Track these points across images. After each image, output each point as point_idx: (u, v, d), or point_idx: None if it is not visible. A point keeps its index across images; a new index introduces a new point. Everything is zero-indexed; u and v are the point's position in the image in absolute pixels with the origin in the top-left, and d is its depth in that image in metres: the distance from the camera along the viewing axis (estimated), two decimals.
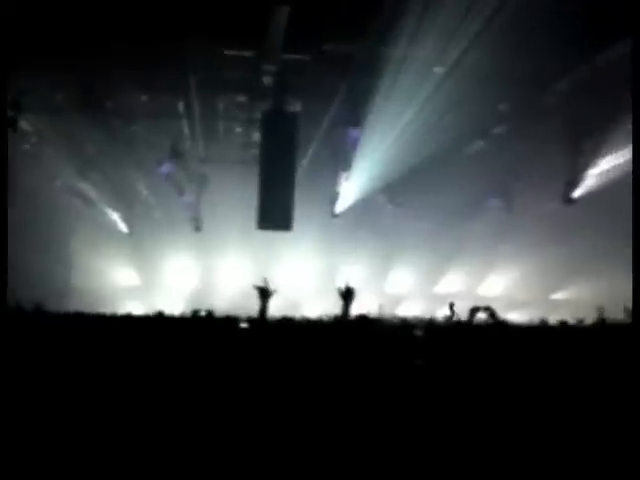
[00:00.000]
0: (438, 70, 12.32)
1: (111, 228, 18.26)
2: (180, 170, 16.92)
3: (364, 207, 17.29)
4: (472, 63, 11.70)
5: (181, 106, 14.49)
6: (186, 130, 15.71)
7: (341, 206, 16.82)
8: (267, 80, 12.90)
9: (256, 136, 15.18)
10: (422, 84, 12.40)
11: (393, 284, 19.99)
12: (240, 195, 15.86)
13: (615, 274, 16.76)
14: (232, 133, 16.27)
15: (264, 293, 5.34)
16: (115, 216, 18.30)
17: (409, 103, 12.82)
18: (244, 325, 5.70)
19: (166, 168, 16.46)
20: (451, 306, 5.38)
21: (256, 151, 14.97)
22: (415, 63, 11.96)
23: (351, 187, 16.03)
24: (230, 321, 5.96)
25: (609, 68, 13.14)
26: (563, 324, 6.77)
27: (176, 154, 16.25)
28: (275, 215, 14.38)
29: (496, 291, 19.76)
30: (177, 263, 19.24)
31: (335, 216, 17.19)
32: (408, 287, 20.00)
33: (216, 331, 5.28)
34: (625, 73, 13.52)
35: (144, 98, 14.09)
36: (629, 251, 17.48)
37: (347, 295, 5.31)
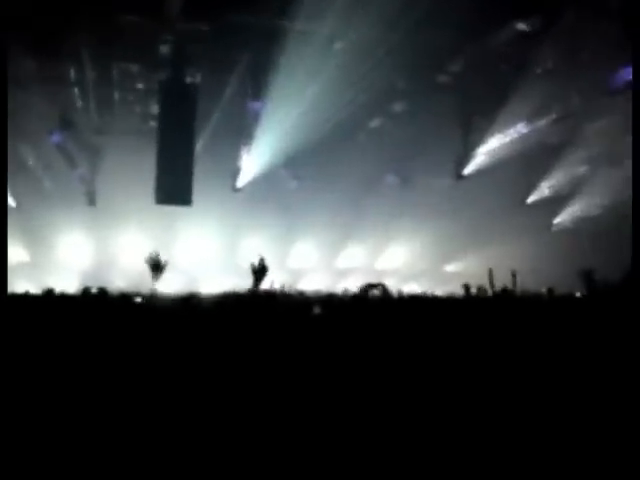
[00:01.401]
0: (338, 46, 12.46)
1: None
2: (72, 141, 16.07)
3: (266, 181, 17.23)
4: (371, 40, 11.93)
5: (72, 73, 13.72)
6: (78, 99, 14.92)
7: (243, 180, 16.70)
8: (165, 49, 12.53)
9: (154, 107, 14.70)
10: (323, 59, 12.50)
11: (295, 258, 20.15)
12: (137, 168, 15.28)
13: (502, 245, 17.90)
14: (128, 103, 15.64)
15: (156, 267, 5.22)
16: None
17: (310, 78, 12.89)
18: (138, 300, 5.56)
19: (57, 138, 15.59)
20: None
21: (154, 123, 14.52)
22: (316, 38, 12.03)
23: (253, 161, 15.95)
24: (125, 299, 5.80)
25: (499, 49, 13.87)
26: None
27: (67, 124, 15.41)
28: (174, 189, 14.10)
29: (393, 264, 20.41)
30: (70, 239, 18.32)
31: (236, 190, 17.04)
32: (310, 261, 20.24)
33: (109, 309, 5.13)
34: (514, 54, 14.38)
35: (32, 64, 13.22)
36: (515, 223, 18.64)
37: (260, 271, 5.32)
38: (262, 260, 5.32)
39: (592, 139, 17.02)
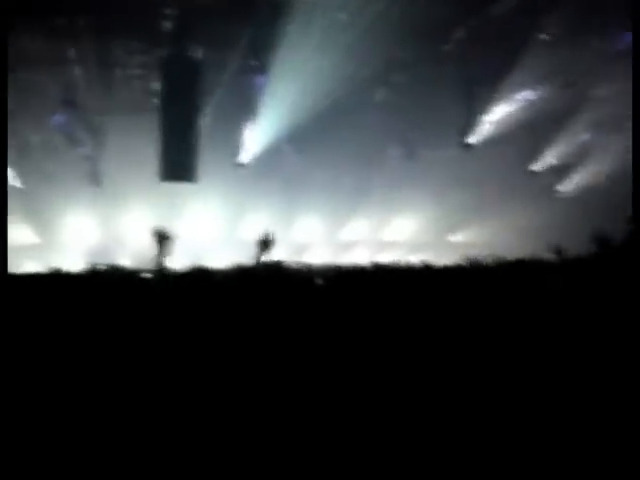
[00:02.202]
0: (342, 17, 12.32)
1: None
2: (74, 121, 15.99)
3: (269, 156, 17.18)
4: (374, 10, 11.80)
5: (72, 52, 13.60)
6: (79, 78, 14.80)
7: (247, 156, 16.64)
8: (166, 24, 12.39)
9: (156, 84, 14.59)
10: (326, 32, 12.38)
11: (299, 232, 20.18)
12: (141, 146, 15.25)
13: (507, 214, 17.92)
14: (130, 81, 15.49)
15: (162, 238, 5.18)
16: (8, 171, 17.10)
17: (314, 51, 12.78)
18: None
19: (59, 118, 15.52)
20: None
21: (157, 100, 14.41)
22: (319, 10, 11.89)
23: (256, 136, 15.88)
24: (133, 275, 5.81)
25: (502, 18, 13.71)
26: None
27: (69, 104, 15.32)
28: (178, 167, 14.08)
29: (398, 236, 20.43)
30: (76, 219, 18.36)
31: (240, 166, 17.00)
32: (314, 235, 20.26)
33: (119, 286, 5.11)
34: (517, 22, 14.22)
35: (31, 44, 13.11)
36: (519, 192, 18.64)
37: (265, 245, 5.30)
38: (268, 234, 5.30)
39: (597, 105, 16.91)
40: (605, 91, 16.42)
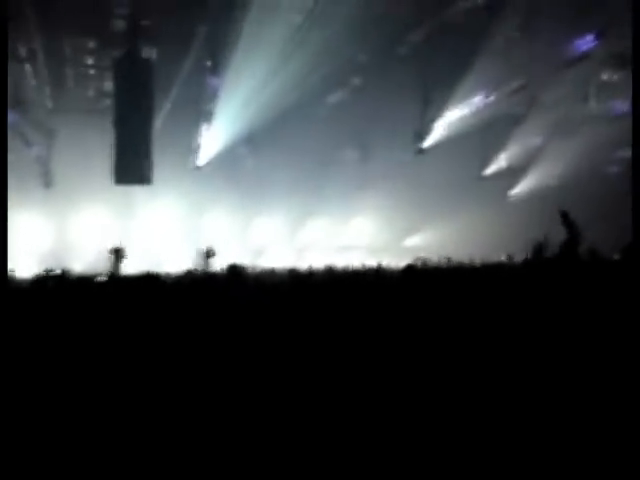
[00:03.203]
0: (297, 18, 12.33)
1: None
2: (25, 120, 15.58)
3: (226, 158, 17.08)
4: (330, 12, 11.86)
5: (24, 51, 13.27)
6: (30, 77, 14.45)
7: (203, 158, 16.50)
8: (119, 24, 12.19)
9: (109, 84, 14.34)
10: (282, 33, 12.37)
11: (256, 235, 20.11)
12: (94, 148, 14.94)
13: (460, 218, 18.22)
14: (82, 80, 15.21)
15: (118, 254, 5.22)
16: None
17: (269, 52, 12.75)
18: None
19: (9, 118, 15.08)
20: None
21: (110, 100, 14.17)
22: (274, 11, 11.87)
23: (212, 138, 15.76)
24: (86, 281, 5.72)
25: (456, 24, 13.95)
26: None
27: (20, 103, 14.91)
28: (133, 169, 13.85)
29: (355, 239, 20.55)
30: (27, 222, 17.89)
31: (197, 168, 16.85)
32: (271, 238, 20.22)
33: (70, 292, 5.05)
34: (472, 26, 14.48)
35: None
36: (473, 196, 18.97)
37: (208, 255, 5.38)
38: (211, 250, 5.38)
39: (548, 110, 17.35)
40: (554, 96, 16.87)
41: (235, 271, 6.29)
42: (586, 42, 14.60)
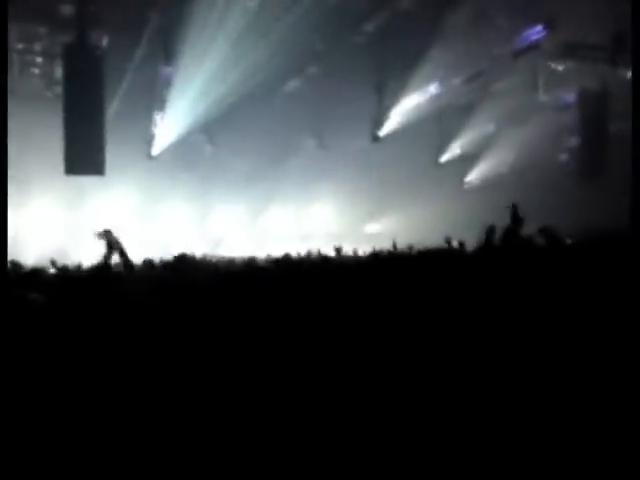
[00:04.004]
0: (252, 5, 12.20)
1: None
2: None
3: (181, 147, 16.84)
4: (287, 0, 11.79)
5: None
6: None
7: (158, 147, 16.22)
8: (67, 9, 11.80)
9: (59, 71, 13.91)
10: (236, 20, 12.22)
11: (215, 225, 19.96)
12: (44, 137, 14.50)
13: (418, 204, 18.49)
14: (31, 68, 14.69)
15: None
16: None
17: (223, 40, 12.59)
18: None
19: None
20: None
21: (60, 88, 13.74)
22: None
23: (167, 127, 15.51)
24: (36, 273, 5.57)
25: (409, 13, 14.06)
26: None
27: None
28: (85, 159, 13.46)
29: (315, 227, 20.62)
30: None
31: (152, 158, 16.56)
32: (230, 227, 20.11)
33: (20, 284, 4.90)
34: (424, 19, 14.63)
35: None
36: (429, 183, 19.23)
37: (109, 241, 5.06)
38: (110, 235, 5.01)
39: (500, 98, 17.71)
40: (506, 85, 17.22)
41: (184, 261, 6.20)
42: (535, 32, 14.90)
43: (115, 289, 4.52)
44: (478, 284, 4.04)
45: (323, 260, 7.47)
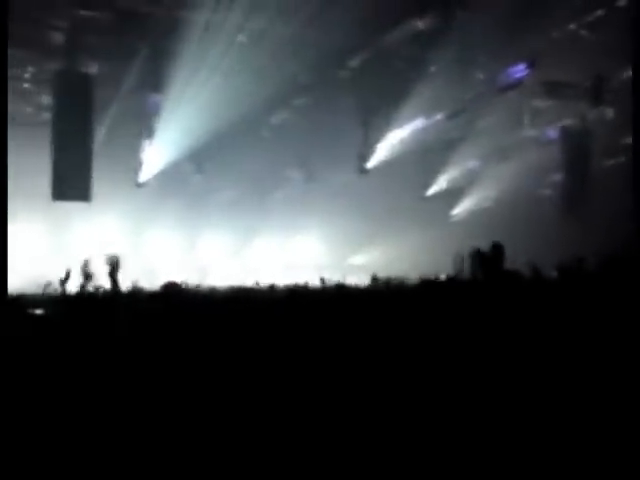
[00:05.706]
0: (242, 38, 12.44)
1: None
2: None
3: (169, 176, 16.88)
4: (274, 34, 12.03)
5: None
6: None
7: (145, 175, 16.27)
8: (58, 37, 11.96)
9: (48, 98, 14.02)
10: (225, 52, 12.43)
11: (201, 254, 19.94)
12: (32, 163, 14.50)
13: (403, 237, 18.59)
14: (20, 94, 14.79)
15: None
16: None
17: (212, 70, 12.79)
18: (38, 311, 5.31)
19: None
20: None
21: (49, 114, 13.85)
22: (218, 29, 11.94)
23: (155, 155, 15.58)
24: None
25: (396, 47, 14.39)
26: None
27: None
28: (72, 185, 13.50)
29: (301, 258, 20.64)
30: None
31: (139, 185, 16.61)
32: (216, 257, 20.09)
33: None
34: (410, 52, 14.95)
35: None
36: (415, 216, 19.31)
37: (113, 266, 5.05)
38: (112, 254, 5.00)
39: (484, 134, 18.01)
40: (490, 122, 17.54)
41: (171, 289, 6.18)
42: (519, 70, 15.26)
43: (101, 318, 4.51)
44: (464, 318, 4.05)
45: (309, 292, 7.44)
